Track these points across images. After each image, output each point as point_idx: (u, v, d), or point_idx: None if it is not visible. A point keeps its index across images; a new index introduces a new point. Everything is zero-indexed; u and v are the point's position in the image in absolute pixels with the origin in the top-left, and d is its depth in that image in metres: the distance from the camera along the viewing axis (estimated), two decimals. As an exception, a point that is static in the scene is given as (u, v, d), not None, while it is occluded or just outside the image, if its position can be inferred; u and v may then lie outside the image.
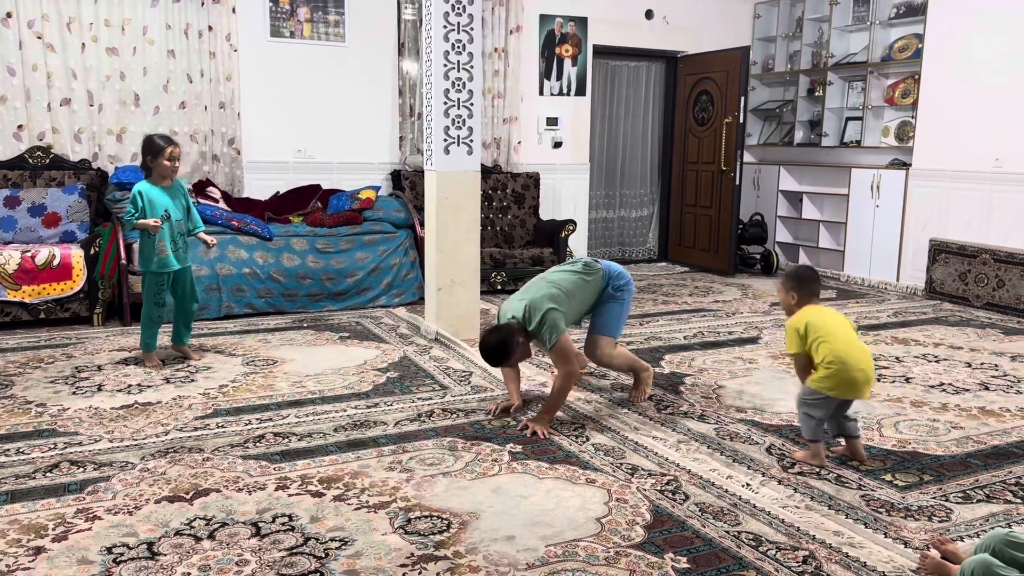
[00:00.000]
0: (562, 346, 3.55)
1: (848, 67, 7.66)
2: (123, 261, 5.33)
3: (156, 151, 4.30)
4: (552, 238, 6.92)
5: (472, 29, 4.87)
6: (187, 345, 4.62)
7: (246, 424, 3.57)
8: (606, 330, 3.88)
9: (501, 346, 3.52)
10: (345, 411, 3.76)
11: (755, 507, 2.82)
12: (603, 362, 3.95)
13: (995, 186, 6.42)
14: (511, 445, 3.36)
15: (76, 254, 5.24)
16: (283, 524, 2.64)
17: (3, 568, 2.35)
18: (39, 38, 5.74)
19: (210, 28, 6.22)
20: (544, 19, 7.58)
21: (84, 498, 2.81)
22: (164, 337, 4.72)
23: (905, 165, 7.09)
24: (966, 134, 6.56)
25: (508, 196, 7.28)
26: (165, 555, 2.44)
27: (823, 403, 3.20)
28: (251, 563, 2.40)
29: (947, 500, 2.91)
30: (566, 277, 3.79)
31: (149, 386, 4.06)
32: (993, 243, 6.37)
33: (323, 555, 2.45)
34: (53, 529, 2.59)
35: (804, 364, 3.25)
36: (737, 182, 7.69)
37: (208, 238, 4.59)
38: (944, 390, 4.21)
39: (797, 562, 2.46)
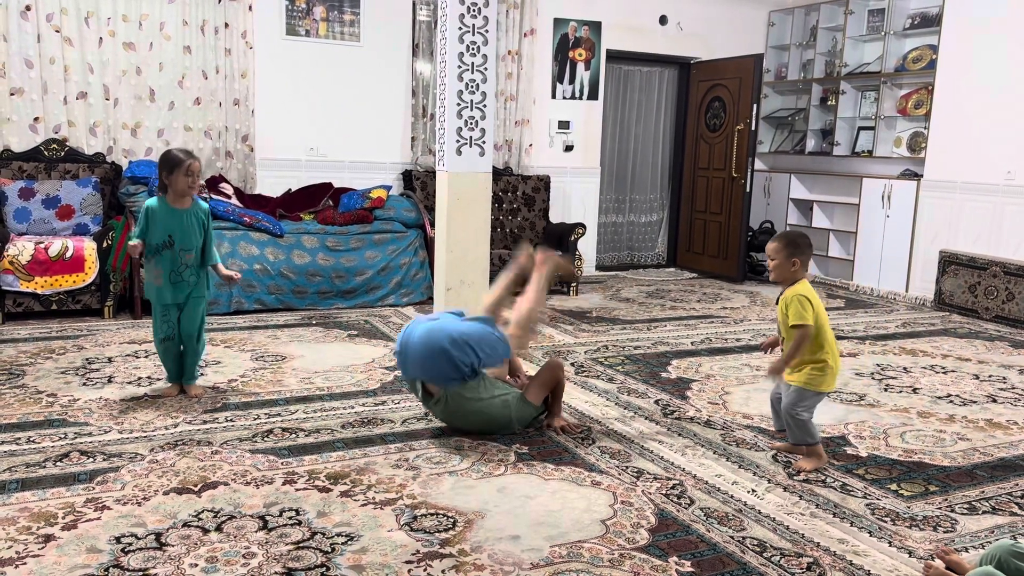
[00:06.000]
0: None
1: (861, 77, 7.65)
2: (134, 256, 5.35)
3: (172, 165, 3.68)
4: (561, 241, 6.93)
5: (487, 31, 4.90)
6: (192, 385, 3.93)
7: (255, 419, 3.59)
8: None
9: None
10: (353, 408, 3.78)
11: (760, 513, 2.83)
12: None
13: (1007, 199, 6.40)
14: (517, 445, 3.38)
15: (89, 247, 5.28)
16: (290, 518, 2.66)
17: (13, 555, 2.38)
18: (57, 32, 5.78)
19: (226, 25, 6.26)
20: (558, 23, 7.59)
21: (93, 488, 2.84)
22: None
23: (917, 176, 7.08)
24: (978, 146, 6.55)
25: (518, 198, 7.30)
26: (173, 546, 2.46)
27: (815, 400, 3.25)
28: (258, 556, 2.42)
29: (952, 511, 2.91)
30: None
31: (159, 379, 4.08)
32: (1003, 256, 6.36)
33: (329, 550, 2.47)
34: (63, 518, 2.61)
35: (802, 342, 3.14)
36: (748, 189, 7.69)
37: (230, 272, 3.99)
38: (951, 401, 4.20)
39: (801, 568, 2.46)
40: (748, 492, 3.00)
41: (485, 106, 4.96)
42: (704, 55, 8.25)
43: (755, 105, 7.57)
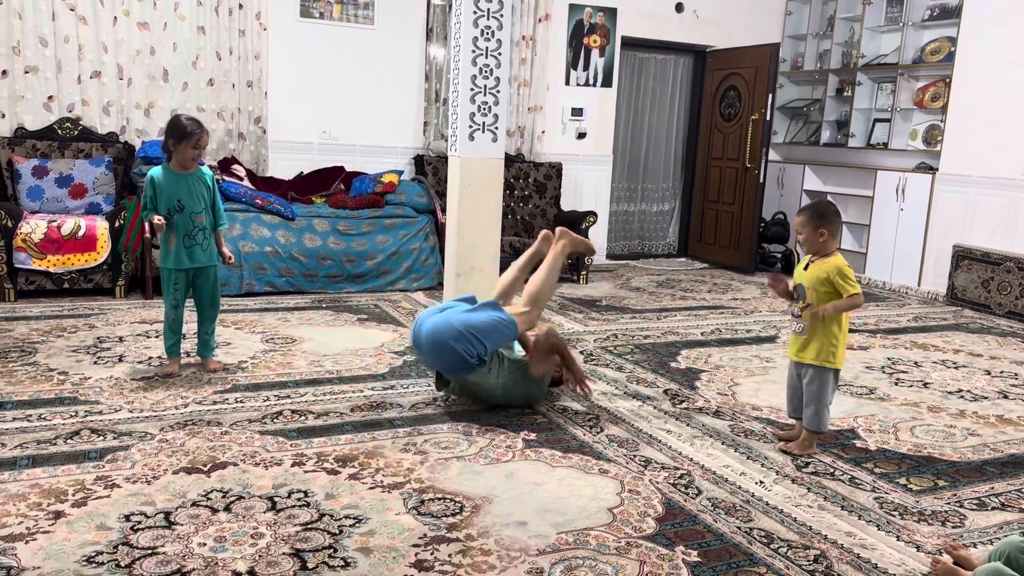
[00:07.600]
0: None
1: (878, 68, 7.58)
2: (147, 235, 5.37)
3: (181, 136, 3.70)
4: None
5: (502, 16, 4.86)
6: (210, 358, 4.02)
7: (264, 400, 3.61)
8: None
9: None
10: (362, 391, 3.79)
11: (768, 504, 2.83)
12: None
13: (1023, 194, 6.34)
14: (525, 432, 3.38)
15: (101, 226, 5.30)
16: (298, 500, 2.67)
17: (24, 530, 2.40)
18: (72, 10, 5.78)
19: (240, 6, 6.25)
20: (573, 8, 7.54)
21: (103, 466, 2.85)
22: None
23: (932, 169, 7.02)
24: (995, 140, 6.48)
25: (530, 185, 7.28)
26: (181, 525, 2.47)
27: (835, 381, 3.26)
28: (266, 536, 2.43)
29: (961, 506, 2.90)
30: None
31: (169, 359, 4.10)
32: (1018, 251, 6.30)
33: (337, 532, 2.48)
34: (73, 495, 2.63)
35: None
36: (761, 180, 7.64)
37: (227, 251, 4.02)
38: (962, 396, 4.18)
39: (808, 561, 2.46)
40: (756, 483, 3.00)
41: (499, 92, 4.94)
42: (720, 44, 8.19)
43: (770, 95, 7.51)
